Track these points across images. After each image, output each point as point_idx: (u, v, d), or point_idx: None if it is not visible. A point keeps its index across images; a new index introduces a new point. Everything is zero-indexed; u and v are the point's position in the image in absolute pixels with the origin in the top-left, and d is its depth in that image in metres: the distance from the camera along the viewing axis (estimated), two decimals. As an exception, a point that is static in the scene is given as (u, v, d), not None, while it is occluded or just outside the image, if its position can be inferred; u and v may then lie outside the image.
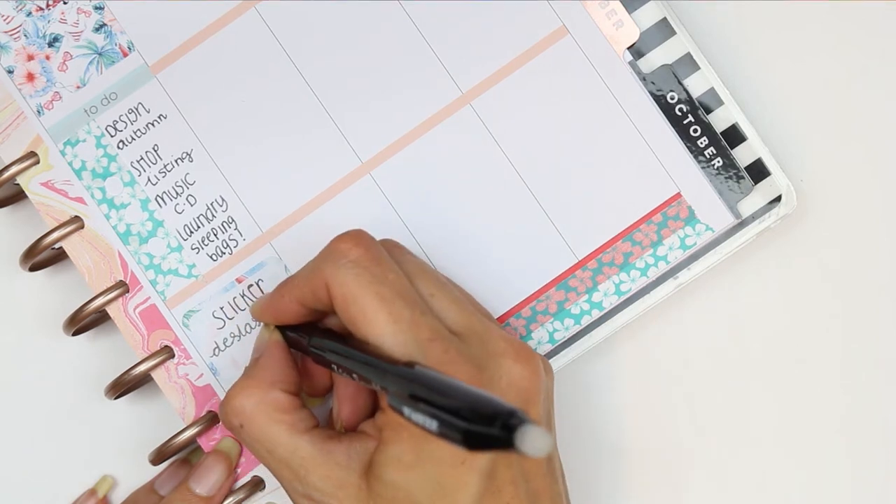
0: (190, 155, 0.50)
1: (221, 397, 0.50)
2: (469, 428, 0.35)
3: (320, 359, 0.46)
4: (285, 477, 0.45)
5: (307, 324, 0.47)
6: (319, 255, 0.45)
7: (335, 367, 0.45)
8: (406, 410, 0.38)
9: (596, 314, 0.50)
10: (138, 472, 0.52)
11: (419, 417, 0.37)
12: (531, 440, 0.33)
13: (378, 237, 0.46)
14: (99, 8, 0.50)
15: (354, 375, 0.43)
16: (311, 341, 0.46)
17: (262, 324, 0.49)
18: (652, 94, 0.51)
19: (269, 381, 0.46)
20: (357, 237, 0.45)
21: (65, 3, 0.50)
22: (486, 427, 0.34)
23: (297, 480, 0.45)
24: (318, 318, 0.47)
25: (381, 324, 0.43)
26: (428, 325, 0.43)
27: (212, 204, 0.50)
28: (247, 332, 0.50)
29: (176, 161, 0.50)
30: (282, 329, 0.48)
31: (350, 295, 0.44)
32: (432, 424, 0.37)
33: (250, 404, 0.45)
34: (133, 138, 0.50)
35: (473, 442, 0.35)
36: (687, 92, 0.51)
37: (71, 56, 0.50)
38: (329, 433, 0.45)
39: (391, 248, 0.47)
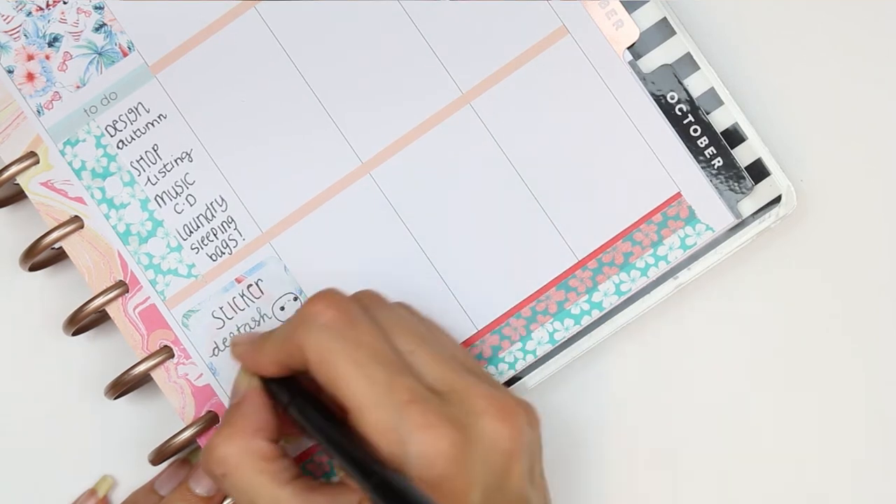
0: (190, 155, 0.50)
1: (221, 397, 0.50)
2: None
3: (298, 426, 0.46)
4: None
5: (287, 378, 0.46)
6: (294, 319, 0.45)
7: (311, 437, 0.45)
8: None
9: (596, 314, 0.50)
10: (138, 472, 0.52)
11: None
12: None
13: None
14: (99, 8, 0.50)
15: (333, 460, 0.44)
16: (290, 407, 0.46)
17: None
18: (652, 94, 0.51)
19: (252, 430, 0.45)
20: (329, 298, 0.45)
21: (65, 2, 0.50)
22: None
23: None
24: (298, 373, 0.46)
25: (359, 388, 0.43)
26: (406, 387, 0.43)
27: (211, 204, 0.50)
28: (246, 331, 0.50)
29: (175, 161, 0.50)
30: (262, 378, 0.47)
31: (325, 360, 0.43)
32: None
33: (234, 454, 0.45)
34: (133, 138, 0.50)
35: None
36: (687, 92, 0.51)
37: (71, 56, 0.50)
38: (311, 484, 0.45)
39: (368, 302, 0.46)
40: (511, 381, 0.50)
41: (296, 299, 0.50)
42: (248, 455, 0.45)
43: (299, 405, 0.45)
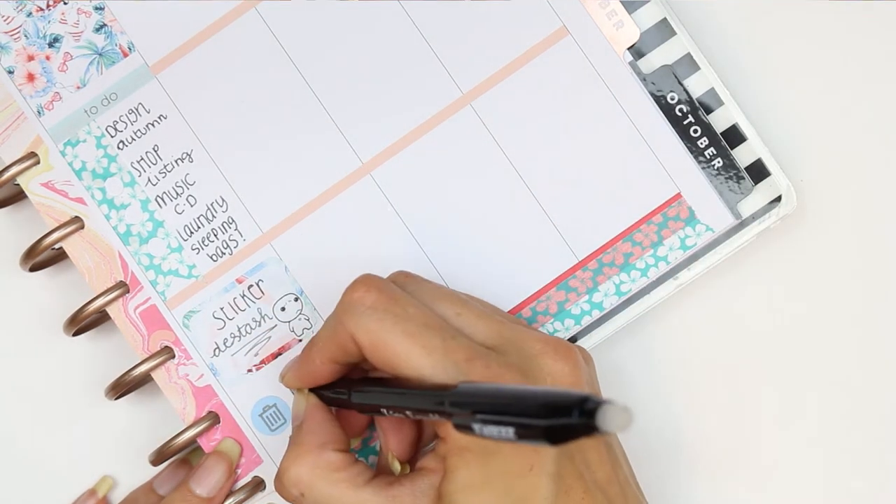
0: (190, 155, 0.50)
1: (222, 398, 0.50)
2: (550, 424, 0.35)
3: (366, 407, 0.46)
4: None
5: (339, 380, 0.47)
6: (337, 310, 0.45)
7: (386, 411, 0.45)
8: (477, 427, 0.38)
9: (596, 314, 0.51)
10: (138, 473, 0.52)
11: (492, 430, 0.37)
12: (613, 418, 0.34)
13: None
14: (99, 8, 0.50)
15: (408, 412, 0.43)
16: (353, 396, 0.46)
17: (293, 391, 0.49)
18: (652, 94, 0.51)
19: (319, 444, 0.46)
20: (368, 282, 0.45)
21: (65, 3, 0.50)
22: (565, 419, 0.35)
23: None
24: (350, 371, 0.47)
25: (416, 358, 0.43)
26: (462, 347, 0.44)
27: (212, 204, 0.50)
28: (246, 332, 0.50)
29: (176, 161, 0.50)
30: (316, 391, 0.48)
31: (378, 340, 0.44)
32: (508, 433, 0.37)
33: (306, 471, 0.45)
34: (133, 139, 0.50)
35: (557, 436, 0.35)
36: (687, 92, 0.51)
37: (71, 56, 0.50)
38: (389, 479, 0.45)
39: (403, 281, 0.47)
40: (511, 382, 0.51)
41: (296, 300, 0.50)
42: (320, 469, 0.45)
43: (361, 392, 0.46)
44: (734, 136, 0.51)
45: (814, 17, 0.53)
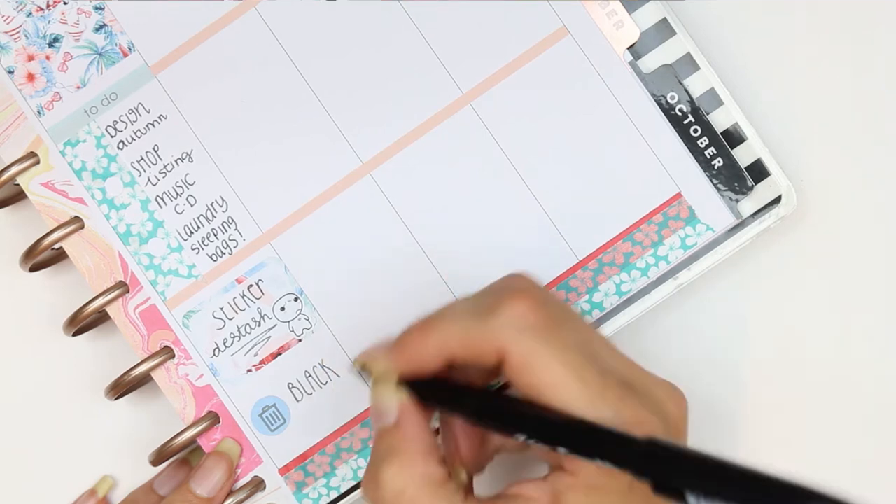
0: (190, 155, 0.50)
1: (222, 398, 0.50)
2: None
3: (495, 425, 0.42)
4: None
5: (435, 379, 0.43)
6: (491, 315, 0.42)
7: (522, 437, 0.41)
8: (692, 500, 0.37)
9: (596, 314, 0.50)
10: (138, 473, 0.52)
11: None
12: None
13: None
14: (99, 8, 0.50)
15: (561, 449, 0.40)
16: (483, 408, 0.42)
17: (365, 373, 0.45)
18: (652, 94, 0.51)
19: (423, 454, 0.42)
20: (533, 297, 0.42)
21: (65, 3, 0.50)
22: None
23: None
24: (448, 371, 0.44)
25: (572, 391, 0.41)
26: (615, 384, 0.42)
27: (212, 204, 0.50)
28: (246, 332, 0.50)
29: (176, 161, 0.50)
30: (410, 384, 0.43)
31: (534, 364, 0.41)
32: None
33: (411, 485, 0.41)
34: (133, 138, 0.50)
35: None
36: (687, 92, 0.51)
37: (71, 56, 0.50)
38: (482, 500, 0.42)
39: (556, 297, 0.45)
40: (511, 382, 0.50)
41: (296, 300, 0.50)
42: (427, 485, 0.42)
43: (496, 404, 0.42)
44: (734, 136, 0.51)
45: (814, 17, 0.53)
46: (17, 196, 0.51)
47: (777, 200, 0.51)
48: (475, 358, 0.42)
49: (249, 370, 0.50)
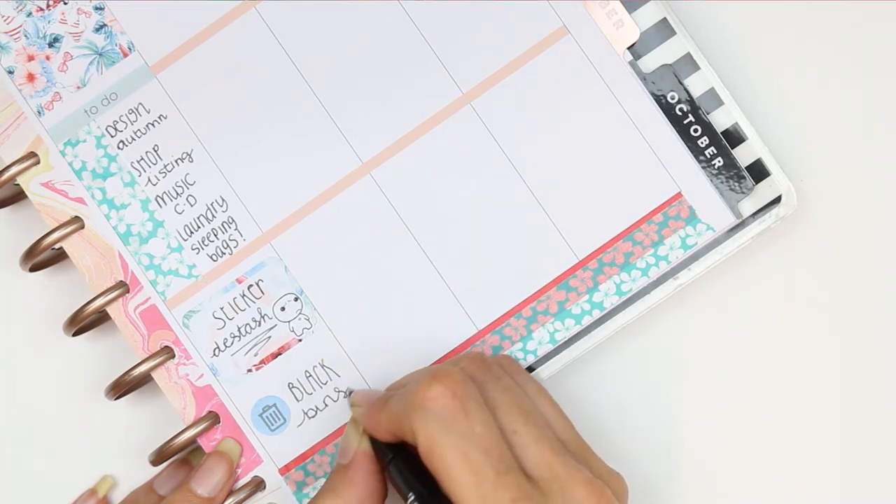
0: (190, 155, 0.50)
1: (222, 397, 0.50)
2: None
3: (395, 486, 0.46)
4: None
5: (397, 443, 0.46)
6: (409, 398, 0.44)
7: (409, 501, 0.45)
8: None
9: (597, 314, 0.50)
10: (138, 473, 0.52)
11: None
12: None
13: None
14: (99, 8, 0.50)
15: None
16: (390, 467, 0.46)
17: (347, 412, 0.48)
18: (652, 94, 0.51)
19: (359, 499, 0.46)
20: (446, 384, 0.44)
21: (65, 3, 0.50)
22: None
23: None
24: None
25: (466, 486, 0.43)
26: (512, 485, 0.43)
27: (212, 204, 0.50)
28: (246, 332, 0.50)
29: (176, 161, 0.50)
30: (372, 439, 0.47)
31: (435, 449, 0.43)
32: None
33: None
34: (133, 139, 0.50)
35: None
36: (687, 92, 0.51)
37: (71, 56, 0.50)
38: None
39: (476, 372, 0.46)
40: (512, 381, 0.50)
41: (296, 300, 0.50)
42: None
43: (399, 467, 0.45)
44: (734, 136, 0.51)
45: (814, 18, 0.53)
46: (17, 196, 0.51)
47: (777, 200, 0.51)
48: (404, 436, 0.45)
49: (250, 370, 0.50)
